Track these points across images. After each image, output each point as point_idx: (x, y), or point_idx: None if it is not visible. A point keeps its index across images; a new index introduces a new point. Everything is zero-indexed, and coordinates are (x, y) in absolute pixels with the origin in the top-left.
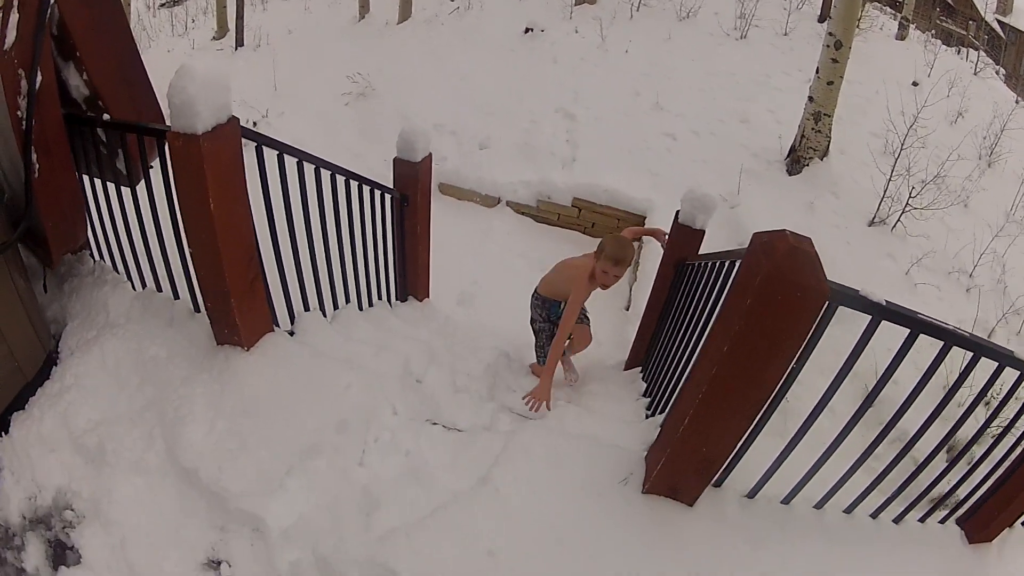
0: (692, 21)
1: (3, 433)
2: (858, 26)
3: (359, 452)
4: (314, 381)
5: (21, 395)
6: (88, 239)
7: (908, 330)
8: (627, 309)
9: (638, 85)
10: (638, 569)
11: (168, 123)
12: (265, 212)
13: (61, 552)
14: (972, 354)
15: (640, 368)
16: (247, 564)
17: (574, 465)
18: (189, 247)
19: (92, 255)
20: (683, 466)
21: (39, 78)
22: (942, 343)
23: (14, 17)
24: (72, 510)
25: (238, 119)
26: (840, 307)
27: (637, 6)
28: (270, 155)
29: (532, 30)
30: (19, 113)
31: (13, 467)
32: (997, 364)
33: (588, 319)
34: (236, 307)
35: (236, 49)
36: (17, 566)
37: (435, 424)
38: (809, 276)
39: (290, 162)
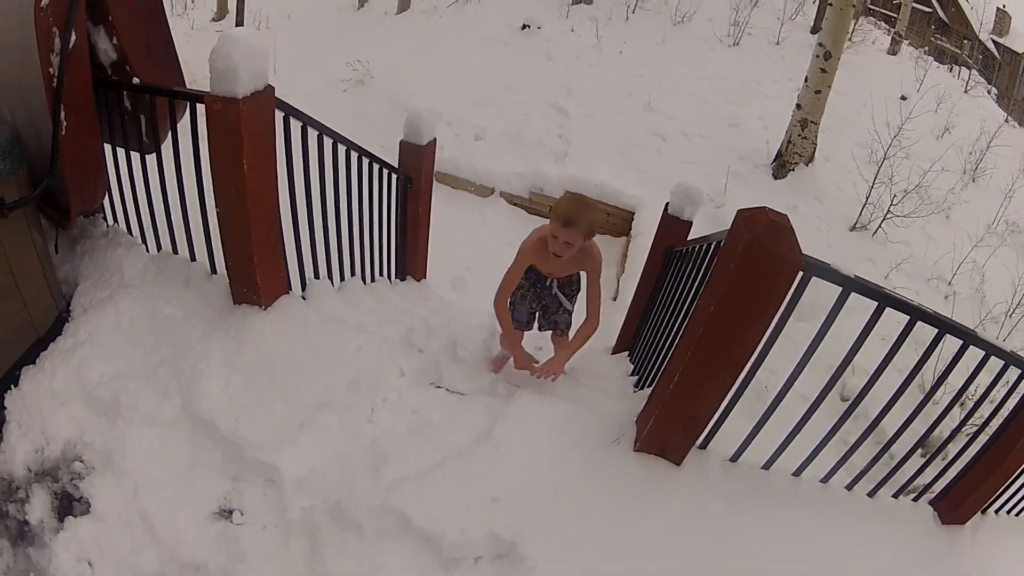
0: (686, 26)
1: (12, 386)
2: (850, 39)
3: (368, 410)
4: (326, 342)
5: (32, 350)
6: (102, 203)
7: (876, 303)
8: (615, 299)
9: (631, 86)
10: (626, 519)
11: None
12: (287, 181)
13: (68, 503)
14: (937, 331)
15: (628, 352)
16: (260, 513)
17: (569, 426)
18: (217, 207)
19: (105, 218)
20: (672, 423)
21: (73, 37)
22: (908, 317)
23: None
24: (81, 461)
25: (273, 88)
26: (814, 309)
27: (633, 8)
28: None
29: (529, 27)
30: (51, 71)
31: (21, 420)
32: (962, 343)
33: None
34: (258, 266)
35: None
36: (20, 519)
37: (438, 387)
38: (785, 247)
39: (297, 132)
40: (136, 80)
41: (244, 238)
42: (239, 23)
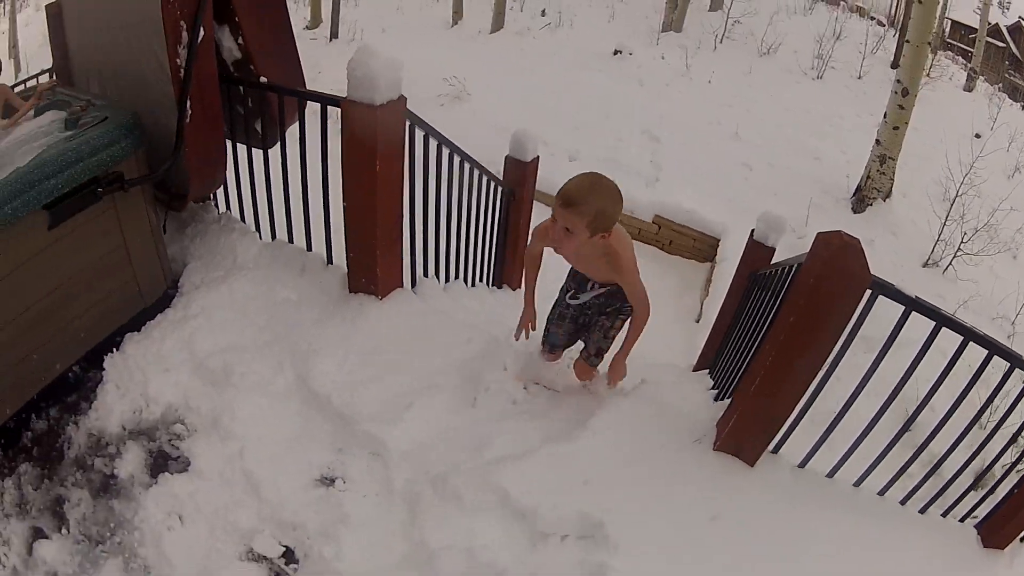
0: (772, 57)
1: (113, 350)
2: (928, 74)
3: (472, 397)
4: (437, 332)
5: (137, 319)
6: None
7: (933, 323)
8: (697, 321)
9: (719, 114)
10: (702, 509)
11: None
12: (408, 184)
13: (163, 461)
14: (987, 352)
15: (708, 369)
16: (363, 483)
17: (657, 424)
18: (345, 202)
19: (216, 206)
20: (749, 424)
21: (201, 32)
22: (961, 340)
23: None
24: (183, 424)
25: (405, 98)
26: (877, 346)
27: (720, 38)
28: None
29: (620, 52)
30: (178, 62)
31: (120, 381)
32: (1009, 364)
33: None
34: (380, 259)
35: (331, 40)
36: (107, 472)
37: (536, 384)
38: (855, 265)
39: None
40: (263, 79)
41: (369, 232)
42: (334, 33)
